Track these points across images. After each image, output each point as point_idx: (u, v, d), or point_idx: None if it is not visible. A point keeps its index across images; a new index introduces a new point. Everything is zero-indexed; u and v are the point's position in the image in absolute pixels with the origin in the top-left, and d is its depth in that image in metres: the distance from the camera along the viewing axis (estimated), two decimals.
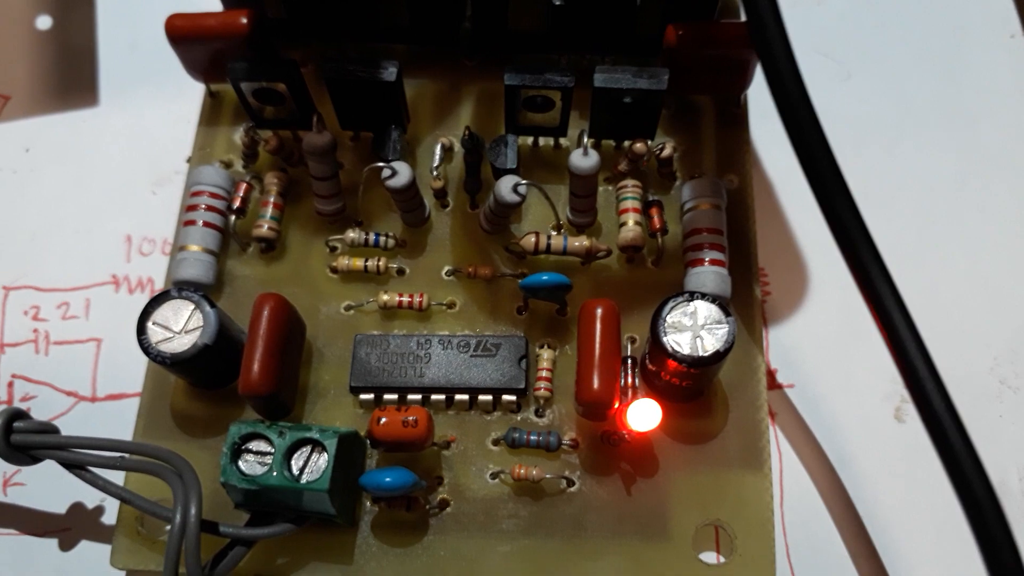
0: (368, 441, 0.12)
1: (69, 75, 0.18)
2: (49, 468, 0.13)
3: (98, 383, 0.15)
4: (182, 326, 0.12)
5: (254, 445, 0.12)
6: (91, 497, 0.14)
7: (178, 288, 0.13)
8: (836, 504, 0.14)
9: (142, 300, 0.14)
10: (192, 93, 0.16)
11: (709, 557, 0.13)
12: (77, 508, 0.14)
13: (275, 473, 0.12)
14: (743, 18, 0.12)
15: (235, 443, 0.12)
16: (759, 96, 0.15)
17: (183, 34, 0.14)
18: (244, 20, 0.14)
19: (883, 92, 0.17)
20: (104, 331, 0.16)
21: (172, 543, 0.11)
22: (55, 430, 0.12)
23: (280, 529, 0.12)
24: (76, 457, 0.12)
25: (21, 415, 0.12)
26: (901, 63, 0.18)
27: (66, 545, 0.14)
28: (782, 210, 0.16)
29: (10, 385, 0.15)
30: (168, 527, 0.11)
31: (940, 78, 0.17)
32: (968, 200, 0.16)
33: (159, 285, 0.15)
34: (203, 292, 0.13)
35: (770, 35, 0.11)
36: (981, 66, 0.17)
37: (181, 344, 0.12)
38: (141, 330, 0.12)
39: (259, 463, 0.12)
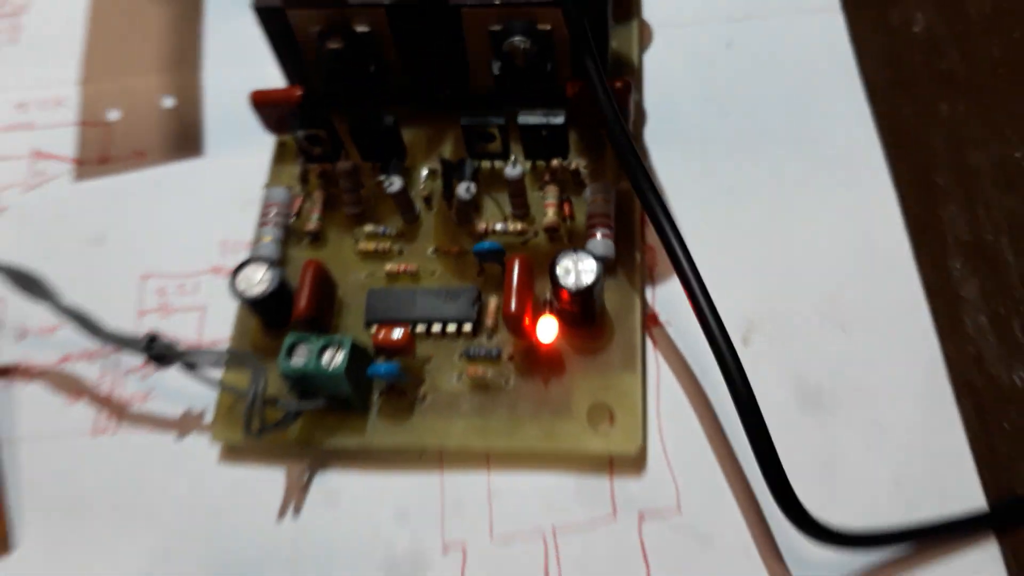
0: (373, 350, 0.19)
1: (184, 136, 0.26)
2: (171, 383, 0.20)
3: (203, 334, 0.23)
4: (258, 279, 0.20)
5: (299, 349, 0.19)
6: (198, 404, 0.21)
7: (256, 258, 0.20)
8: (696, 399, 0.20)
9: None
10: (266, 144, 0.24)
11: (598, 428, 0.19)
12: (187, 414, 0.22)
13: (310, 364, 0.19)
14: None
15: (288, 346, 0.19)
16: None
17: (261, 102, 0.22)
18: (299, 93, 0.22)
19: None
20: (207, 302, 0.23)
21: (247, 409, 0.19)
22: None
23: (313, 404, 0.19)
24: (191, 359, 0.19)
25: (156, 337, 0.20)
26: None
27: (183, 433, 0.21)
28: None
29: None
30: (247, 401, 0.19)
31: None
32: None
33: None
34: (272, 261, 0.20)
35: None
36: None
37: (257, 290, 0.20)
38: (233, 281, 0.20)
39: (301, 359, 0.19)
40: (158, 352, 0.19)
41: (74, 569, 0.20)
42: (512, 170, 0.20)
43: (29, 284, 0.20)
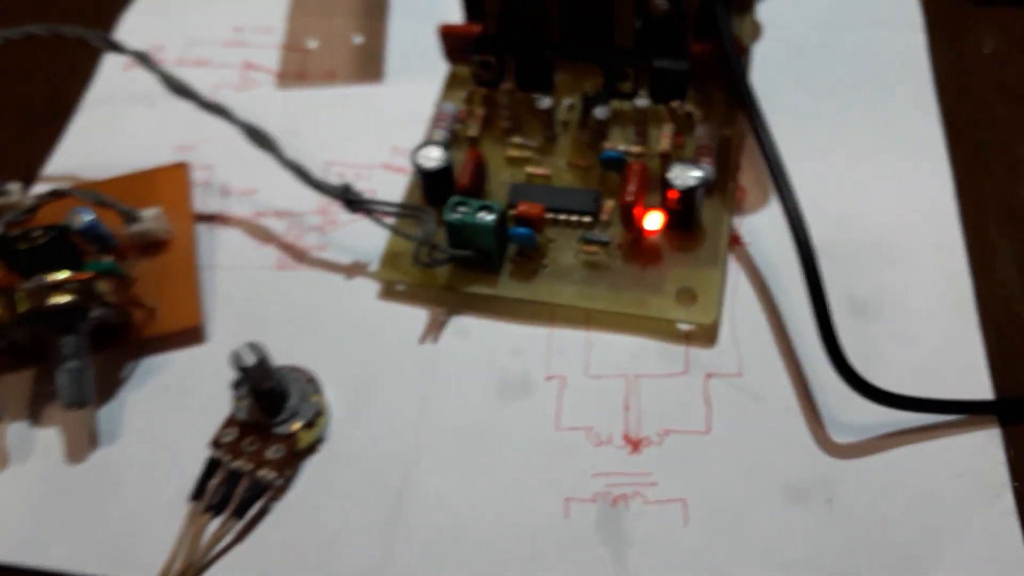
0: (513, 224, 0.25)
1: (368, 66, 0.32)
2: (341, 241, 0.26)
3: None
4: (433, 156, 0.25)
5: (461, 206, 0.24)
6: (363, 258, 0.27)
7: (433, 141, 0.26)
8: (764, 299, 0.25)
9: (402, 177, 0.28)
10: (432, 80, 0.30)
11: (683, 305, 0.24)
12: (356, 262, 0.27)
13: (468, 217, 0.24)
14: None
15: (452, 203, 0.24)
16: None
17: (448, 33, 0.28)
18: (477, 28, 0.28)
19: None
20: (378, 188, 0.29)
21: (417, 245, 0.24)
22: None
23: (463, 253, 0.24)
24: (373, 206, 0.25)
25: (350, 186, 0.25)
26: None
27: (351, 275, 0.27)
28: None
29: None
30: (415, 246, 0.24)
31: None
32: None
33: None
34: (444, 145, 0.26)
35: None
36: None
37: (431, 164, 0.25)
38: (414, 154, 0.25)
39: (462, 213, 0.24)
40: (351, 197, 0.25)
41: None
42: (641, 102, 0.26)
43: (261, 139, 0.26)
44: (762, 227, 0.26)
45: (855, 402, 0.22)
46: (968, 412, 0.22)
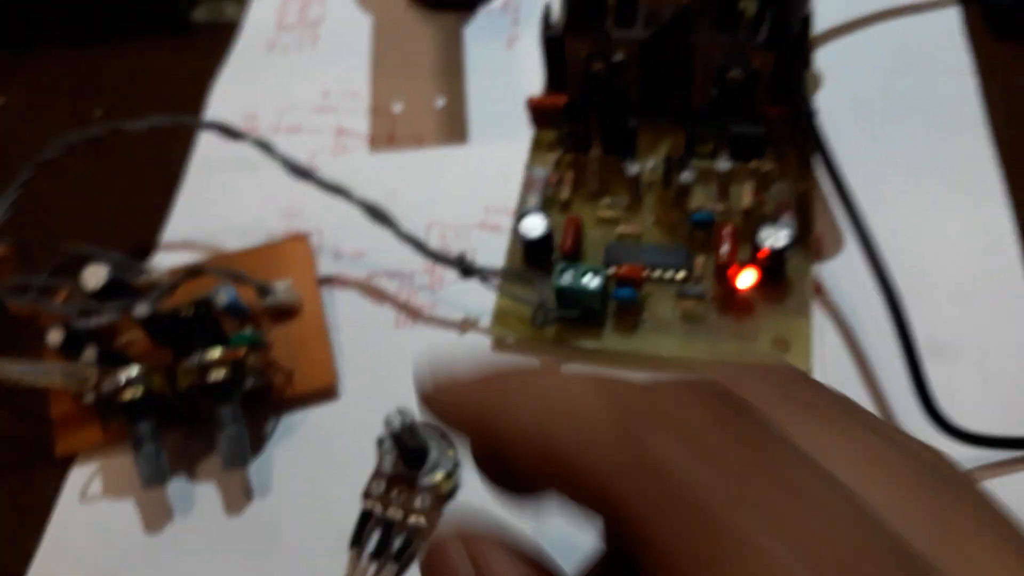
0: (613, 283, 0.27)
1: (453, 128, 0.35)
2: (450, 298, 0.28)
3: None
4: (534, 225, 0.28)
5: (567, 272, 0.27)
6: (472, 313, 0.29)
7: (533, 211, 0.28)
8: (849, 343, 0.27)
9: (496, 235, 0.31)
10: (515, 137, 0.33)
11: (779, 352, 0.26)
12: (466, 318, 0.30)
13: (576, 282, 0.26)
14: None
15: (560, 269, 0.27)
16: None
17: (536, 105, 0.31)
18: (564, 99, 0.30)
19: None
20: (476, 246, 0.31)
21: (535, 308, 0.26)
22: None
23: (571, 312, 0.27)
24: (486, 272, 0.27)
25: (464, 255, 0.28)
26: None
27: (463, 331, 0.29)
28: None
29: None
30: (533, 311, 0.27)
31: None
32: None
33: (509, 227, 0.31)
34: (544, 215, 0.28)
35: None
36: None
37: (535, 232, 0.28)
38: (517, 225, 0.28)
39: (570, 278, 0.27)
40: (466, 266, 0.28)
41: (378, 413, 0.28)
42: (723, 164, 0.28)
43: (379, 216, 0.28)
44: (839, 273, 0.29)
45: (938, 442, 0.24)
46: None
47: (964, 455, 0.24)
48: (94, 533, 0.27)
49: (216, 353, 0.26)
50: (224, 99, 0.37)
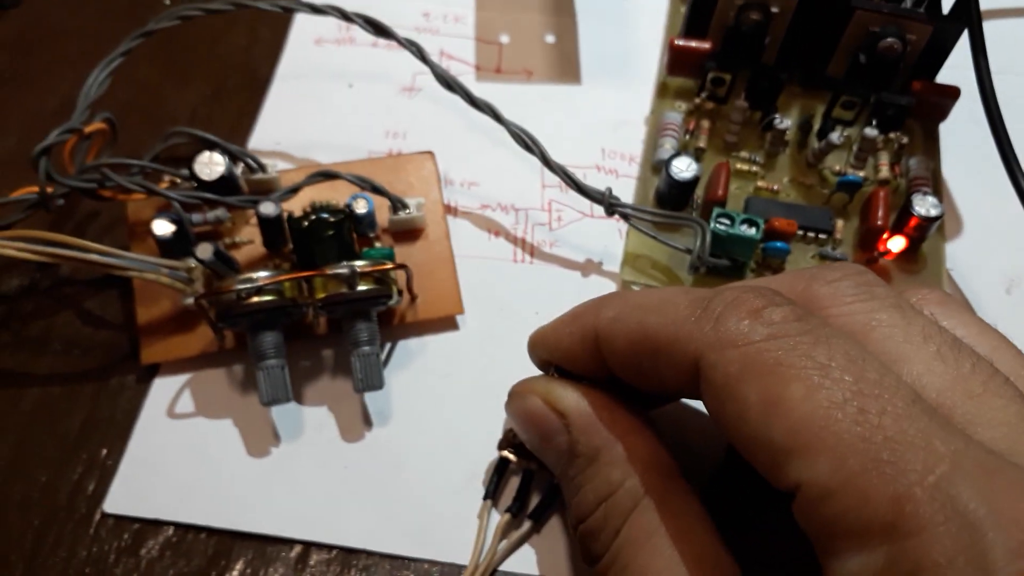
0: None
1: (564, 66, 0.34)
2: (569, 239, 0.27)
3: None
4: (686, 167, 0.27)
5: (723, 219, 0.26)
6: (594, 256, 0.28)
7: (685, 152, 0.28)
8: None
9: (615, 179, 0.30)
10: (630, 80, 0.32)
11: None
12: (589, 260, 0.29)
13: (734, 229, 0.26)
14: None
15: (716, 215, 0.26)
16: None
17: (678, 49, 0.30)
18: (707, 45, 0.30)
19: None
20: (599, 186, 0.30)
21: (694, 255, 0.26)
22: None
23: (722, 262, 0.26)
24: (630, 212, 0.26)
25: (610, 190, 0.27)
26: None
27: (586, 273, 0.28)
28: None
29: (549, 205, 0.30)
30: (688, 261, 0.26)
31: None
32: None
33: (627, 172, 0.30)
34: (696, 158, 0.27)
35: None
36: None
37: (687, 175, 0.27)
38: (668, 165, 0.27)
39: (728, 225, 0.26)
40: (613, 202, 0.26)
41: (500, 348, 0.26)
42: (871, 131, 0.28)
43: (527, 142, 0.27)
44: (956, 256, 0.29)
45: None
46: None
47: None
48: (182, 450, 0.24)
49: (364, 263, 0.24)
50: (309, 16, 0.35)
